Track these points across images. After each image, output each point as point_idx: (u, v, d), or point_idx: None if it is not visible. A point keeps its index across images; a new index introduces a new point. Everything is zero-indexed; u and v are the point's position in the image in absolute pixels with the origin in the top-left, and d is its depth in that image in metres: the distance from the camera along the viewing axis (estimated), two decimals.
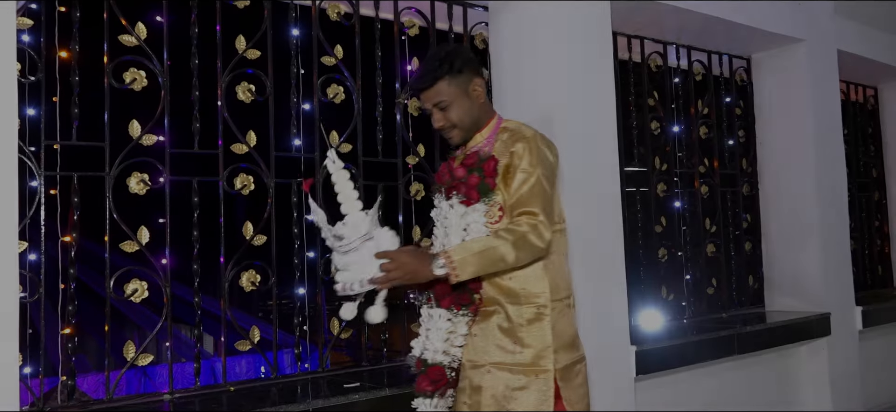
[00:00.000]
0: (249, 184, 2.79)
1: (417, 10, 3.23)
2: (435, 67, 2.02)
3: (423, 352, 2.06)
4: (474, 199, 1.97)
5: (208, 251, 2.73)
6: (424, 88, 2.05)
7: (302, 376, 2.86)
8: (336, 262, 1.93)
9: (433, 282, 1.96)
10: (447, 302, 2.00)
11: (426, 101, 2.08)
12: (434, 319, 2.03)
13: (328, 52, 3.00)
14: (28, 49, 2.44)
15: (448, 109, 2.05)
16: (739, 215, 4.49)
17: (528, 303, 1.99)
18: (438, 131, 2.12)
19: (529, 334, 1.98)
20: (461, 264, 1.85)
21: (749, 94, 4.60)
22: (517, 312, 1.99)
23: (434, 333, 2.03)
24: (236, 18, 2.84)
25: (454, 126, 2.06)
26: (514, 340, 1.98)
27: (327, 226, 1.93)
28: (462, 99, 2.05)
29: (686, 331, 3.78)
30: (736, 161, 4.52)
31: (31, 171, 2.42)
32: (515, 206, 1.95)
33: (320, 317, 3.06)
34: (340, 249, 1.89)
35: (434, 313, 2.03)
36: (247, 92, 2.82)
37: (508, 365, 1.98)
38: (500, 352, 2.00)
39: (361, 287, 1.87)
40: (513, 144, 1.99)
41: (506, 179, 1.98)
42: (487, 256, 1.87)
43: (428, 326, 2.06)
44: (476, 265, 1.87)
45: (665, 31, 4.01)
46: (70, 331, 2.49)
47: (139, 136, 2.59)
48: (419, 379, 2.04)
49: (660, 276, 4.05)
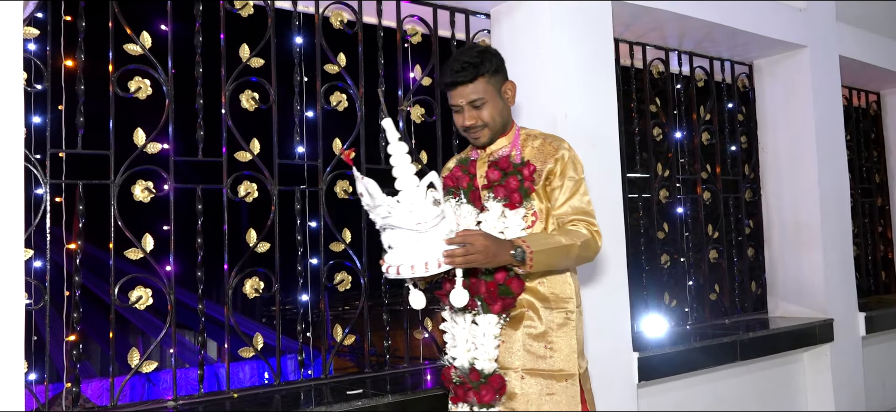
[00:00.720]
0: (253, 191, 2.81)
1: (420, 17, 3.25)
2: (476, 63, 1.97)
3: (474, 361, 1.95)
4: (517, 201, 1.96)
5: (212, 258, 2.76)
6: (463, 83, 1.98)
7: (305, 383, 2.87)
8: (390, 241, 1.78)
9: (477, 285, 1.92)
10: (498, 307, 1.94)
11: (460, 97, 2.00)
12: (483, 326, 1.95)
13: (331, 60, 3.02)
14: (34, 58, 2.47)
15: (482, 108, 2.01)
16: (742, 221, 4.49)
17: (558, 308, 2.00)
18: (464, 130, 2.05)
19: (559, 339, 1.99)
20: (537, 256, 1.84)
21: (751, 99, 4.61)
22: (549, 317, 1.99)
23: (487, 341, 1.95)
24: (240, 27, 2.86)
25: (485, 125, 2.02)
26: (546, 345, 1.98)
27: (384, 197, 1.74)
28: (496, 99, 2.03)
29: (688, 337, 3.78)
30: (738, 167, 4.52)
31: (37, 179, 2.44)
32: (570, 212, 1.97)
33: (323, 324, 3.07)
34: (406, 226, 1.72)
35: (483, 320, 1.95)
36: (250, 100, 2.84)
37: (541, 370, 1.98)
38: (531, 357, 1.98)
39: (418, 271, 1.73)
40: (555, 151, 2.01)
41: (547, 186, 2.00)
42: (558, 253, 1.88)
43: (473, 334, 1.96)
44: (547, 260, 1.86)
45: (667, 37, 4.02)
46: (75, 338, 2.51)
47: (144, 144, 2.61)
48: (483, 390, 1.93)
49: (662, 283, 4.06)
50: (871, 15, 5.07)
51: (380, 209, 1.74)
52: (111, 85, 2.57)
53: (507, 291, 1.93)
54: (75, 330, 2.51)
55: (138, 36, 2.63)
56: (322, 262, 2.92)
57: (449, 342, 2.02)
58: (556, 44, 3.13)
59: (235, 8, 2.85)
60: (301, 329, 2.91)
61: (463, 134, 2.08)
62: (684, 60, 4.25)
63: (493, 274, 1.94)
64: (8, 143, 2.04)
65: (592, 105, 3.21)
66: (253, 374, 8.13)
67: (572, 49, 3.17)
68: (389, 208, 1.73)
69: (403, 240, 1.74)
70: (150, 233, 2.60)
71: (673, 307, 4.10)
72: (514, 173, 1.98)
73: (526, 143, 2.07)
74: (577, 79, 3.17)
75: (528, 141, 2.08)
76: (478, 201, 2.04)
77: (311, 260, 2.93)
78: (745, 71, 4.59)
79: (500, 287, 1.93)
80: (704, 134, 4.36)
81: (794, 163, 4.42)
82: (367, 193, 1.77)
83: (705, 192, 4.30)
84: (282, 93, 2.89)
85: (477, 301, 1.94)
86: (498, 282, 1.93)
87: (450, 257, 1.74)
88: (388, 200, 1.73)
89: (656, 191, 4.04)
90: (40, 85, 2.47)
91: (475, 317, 1.96)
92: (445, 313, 2.03)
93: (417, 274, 1.74)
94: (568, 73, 3.14)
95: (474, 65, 1.97)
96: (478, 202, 2.04)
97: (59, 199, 2.51)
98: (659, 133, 4.11)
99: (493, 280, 1.93)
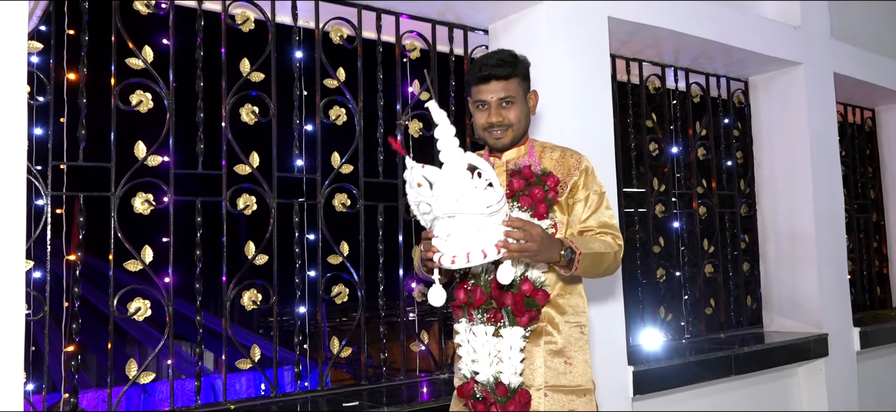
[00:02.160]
0: (252, 204, 2.83)
1: (419, 33, 3.28)
2: (512, 62, 1.95)
3: (500, 375, 1.88)
4: (544, 212, 1.93)
5: (211, 270, 2.77)
6: (499, 78, 1.93)
7: (301, 395, 2.89)
8: (441, 230, 1.70)
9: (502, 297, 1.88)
10: (526, 320, 1.89)
11: (491, 92, 1.94)
12: (508, 339, 1.88)
13: (331, 75, 3.05)
14: (37, 71, 2.50)
15: (510, 108, 1.97)
16: (737, 236, 4.51)
17: (574, 322, 2.00)
18: (486, 127, 1.98)
19: (577, 354, 1.99)
20: (583, 259, 1.83)
21: (747, 115, 4.65)
22: (567, 332, 1.98)
23: (514, 354, 1.88)
24: (241, 42, 2.90)
25: (510, 126, 1.98)
26: (566, 360, 1.97)
27: (446, 180, 1.65)
28: (523, 103, 2.00)
29: (683, 351, 3.80)
30: (734, 182, 4.55)
31: (38, 191, 2.46)
32: (596, 226, 1.98)
33: (320, 336, 3.09)
34: (474, 212, 1.64)
35: (508, 333, 1.88)
36: (250, 113, 2.87)
37: (562, 387, 1.95)
38: (552, 374, 1.95)
39: (474, 259, 1.65)
40: (578, 164, 2.03)
41: (570, 198, 2.00)
42: (596, 260, 1.88)
43: (498, 347, 1.89)
44: (588, 264, 1.86)
45: (663, 53, 4.06)
46: (73, 349, 2.52)
47: (144, 157, 2.64)
48: (509, 405, 1.87)
49: (658, 296, 4.08)
50: (865, 33, 5.13)
51: (444, 197, 1.65)
52: (113, 98, 2.60)
53: (533, 303, 1.90)
54: (74, 340, 2.52)
55: (140, 50, 2.66)
56: (320, 275, 2.94)
57: (465, 356, 1.93)
58: (554, 59, 3.17)
59: (237, 23, 2.89)
60: (298, 341, 2.92)
61: (482, 133, 2.01)
62: (680, 76, 4.29)
63: (519, 285, 1.89)
64: (10, 155, 2.06)
65: (589, 120, 3.24)
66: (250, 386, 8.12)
67: (570, 64, 3.21)
68: (457, 194, 1.64)
69: (464, 227, 1.66)
70: (149, 245, 2.62)
71: (669, 321, 4.11)
72: (538, 183, 1.97)
73: (542, 155, 2.06)
74: (575, 94, 3.20)
75: (545, 152, 2.06)
76: None
77: (308, 272, 2.95)
78: (740, 87, 4.63)
79: (527, 299, 1.89)
80: (700, 149, 4.39)
81: (790, 178, 4.46)
82: (426, 182, 1.69)
83: (701, 206, 4.33)
84: (281, 107, 2.92)
85: (503, 313, 1.89)
86: (524, 293, 1.88)
87: (505, 245, 1.68)
88: (455, 185, 1.65)
89: (653, 205, 4.06)
90: (43, 97, 2.50)
91: (499, 329, 1.89)
92: (460, 325, 1.96)
93: (474, 262, 1.66)
94: (565, 88, 3.17)
95: (511, 63, 1.95)
96: None
97: (60, 210, 2.53)
98: (655, 148, 4.14)
99: (520, 291, 1.88)
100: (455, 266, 1.68)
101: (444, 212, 1.66)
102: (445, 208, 1.65)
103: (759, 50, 4.13)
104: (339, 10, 3.07)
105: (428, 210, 1.70)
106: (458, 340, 1.97)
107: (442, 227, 1.69)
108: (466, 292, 1.93)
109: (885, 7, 5.47)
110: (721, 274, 4.39)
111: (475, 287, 1.92)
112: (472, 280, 1.94)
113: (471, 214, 1.64)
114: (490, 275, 1.91)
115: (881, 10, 5.43)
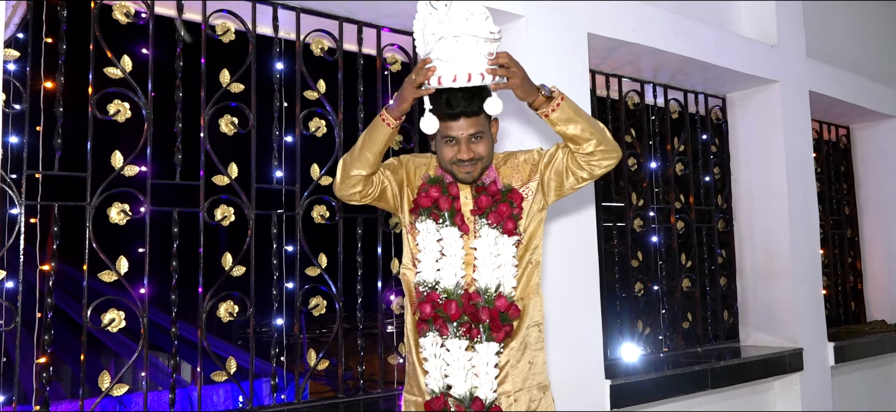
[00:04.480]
0: (230, 215, 2.82)
1: (400, 46, 3.29)
2: (480, 95, 1.92)
3: (475, 390, 1.89)
4: (512, 228, 1.96)
5: (187, 281, 2.75)
6: (469, 115, 1.92)
7: (278, 407, 2.87)
8: (438, 53, 1.82)
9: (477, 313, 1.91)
10: (502, 336, 1.91)
11: (459, 129, 1.93)
12: (484, 354, 1.90)
13: (311, 87, 3.05)
14: (13, 79, 2.47)
15: (480, 142, 1.96)
16: (714, 250, 4.56)
17: (534, 323, 2.05)
18: (455, 162, 1.97)
19: (538, 354, 2.04)
20: (566, 102, 1.93)
21: (724, 132, 4.71)
22: (529, 333, 2.03)
23: (490, 369, 1.90)
24: (221, 52, 2.89)
25: (480, 159, 1.97)
26: (529, 361, 2.03)
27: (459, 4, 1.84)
28: (489, 134, 2.00)
29: (660, 365, 3.82)
30: (711, 197, 4.61)
31: (12, 200, 2.43)
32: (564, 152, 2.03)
33: (298, 348, 3.07)
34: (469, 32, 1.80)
35: (484, 348, 1.90)
36: (229, 124, 2.86)
37: (528, 387, 2.01)
38: (519, 376, 2.00)
39: (474, 79, 1.83)
40: (536, 155, 2.08)
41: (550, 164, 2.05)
42: (580, 111, 1.96)
43: (474, 362, 1.91)
44: (572, 109, 1.94)
45: (642, 70, 4.11)
46: (45, 360, 2.49)
47: (121, 167, 2.62)
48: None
49: (637, 310, 4.11)
50: (841, 52, 5.23)
51: (456, 17, 1.83)
52: (90, 107, 2.58)
53: (507, 318, 1.92)
54: (46, 352, 2.49)
55: (119, 59, 2.65)
56: (298, 286, 2.93)
57: (434, 371, 1.92)
58: (534, 74, 3.15)
59: (217, 34, 2.88)
60: (275, 353, 2.91)
61: (449, 167, 1.98)
62: (659, 93, 4.34)
63: (494, 301, 1.91)
64: None
65: None
66: (227, 398, 8.02)
67: (549, 79, 3.21)
68: (468, 15, 1.83)
69: (466, 49, 1.82)
70: (125, 255, 2.60)
71: (646, 334, 4.14)
72: (504, 201, 1.99)
73: (499, 169, 2.08)
74: None
75: (501, 166, 2.09)
76: (463, 225, 1.99)
77: (286, 284, 2.94)
78: (718, 104, 4.69)
79: (502, 314, 1.91)
80: (678, 164, 4.44)
81: (766, 194, 4.52)
82: (441, 6, 1.86)
83: (679, 221, 4.37)
84: (261, 118, 2.91)
85: (480, 329, 1.90)
86: (499, 309, 1.91)
87: (494, 67, 1.83)
88: (466, 7, 1.83)
89: (631, 219, 4.10)
90: (19, 105, 2.47)
91: (475, 344, 1.90)
92: (426, 340, 1.94)
93: (473, 82, 1.83)
94: None
95: (479, 97, 1.91)
96: (463, 226, 1.99)
97: (34, 220, 2.50)
98: (634, 163, 4.19)
99: (495, 307, 1.91)
100: (455, 84, 1.83)
101: (453, 31, 1.81)
102: (455, 28, 1.81)
103: (736, 67, 4.20)
104: (320, 22, 3.08)
105: (435, 33, 1.84)
106: (424, 355, 1.95)
107: (445, 48, 1.83)
108: (436, 306, 1.92)
109: (859, 28, 5.58)
110: (698, 288, 4.43)
111: (449, 301, 1.92)
112: (443, 294, 1.94)
113: (477, 36, 1.82)
114: (461, 291, 1.93)
115: (856, 31, 5.54)
